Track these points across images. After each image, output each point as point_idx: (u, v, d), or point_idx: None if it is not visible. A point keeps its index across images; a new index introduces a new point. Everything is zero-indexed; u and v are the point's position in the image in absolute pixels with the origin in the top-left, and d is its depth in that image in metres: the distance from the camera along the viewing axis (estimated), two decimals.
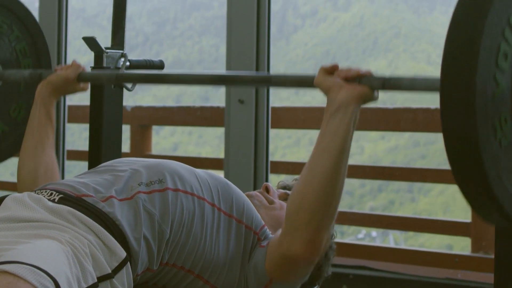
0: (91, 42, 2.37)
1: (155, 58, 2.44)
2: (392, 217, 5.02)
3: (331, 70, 1.75)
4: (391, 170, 4.91)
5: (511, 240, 1.70)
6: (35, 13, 3.08)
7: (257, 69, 3.35)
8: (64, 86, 2.23)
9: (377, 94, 1.72)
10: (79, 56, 2.54)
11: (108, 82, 2.31)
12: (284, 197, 2.07)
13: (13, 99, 2.50)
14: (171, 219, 1.76)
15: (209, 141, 22.67)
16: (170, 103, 23.16)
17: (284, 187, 2.16)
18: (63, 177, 3.89)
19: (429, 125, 3.95)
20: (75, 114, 4.52)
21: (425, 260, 3.69)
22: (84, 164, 2.56)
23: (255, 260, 1.84)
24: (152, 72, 2.18)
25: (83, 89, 2.26)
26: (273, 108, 3.66)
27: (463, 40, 1.33)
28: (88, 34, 2.38)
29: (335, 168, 1.69)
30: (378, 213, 10.46)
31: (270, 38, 3.36)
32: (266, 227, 1.91)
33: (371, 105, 1.82)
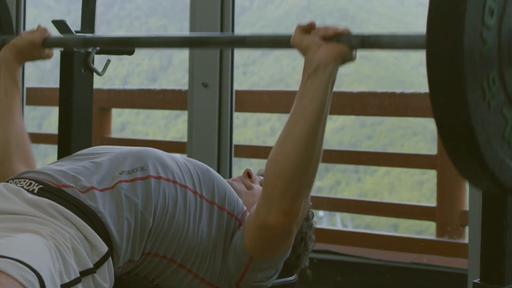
0: (61, 25, 2.31)
1: None
2: (360, 202, 5.03)
3: (308, 29, 1.69)
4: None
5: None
6: None
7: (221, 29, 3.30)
8: (29, 51, 2.13)
9: (355, 53, 1.65)
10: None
11: (74, 46, 2.24)
12: None
13: None
14: (154, 207, 1.72)
15: (156, 121, 22.53)
16: (117, 84, 22.95)
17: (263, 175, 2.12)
18: None
19: (395, 109, 3.96)
20: (34, 97, 4.42)
21: (390, 244, 3.71)
22: (44, 147, 2.48)
23: (234, 241, 1.80)
24: (121, 36, 2.11)
25: (48, 56, 2.17)
26: (237, 92, 3.62)
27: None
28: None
29: (312, 133, 1.62)
30: (353, 197, 10.46)
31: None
32: (248, 212, 1.87)
33: (335, 89, 1.77)
